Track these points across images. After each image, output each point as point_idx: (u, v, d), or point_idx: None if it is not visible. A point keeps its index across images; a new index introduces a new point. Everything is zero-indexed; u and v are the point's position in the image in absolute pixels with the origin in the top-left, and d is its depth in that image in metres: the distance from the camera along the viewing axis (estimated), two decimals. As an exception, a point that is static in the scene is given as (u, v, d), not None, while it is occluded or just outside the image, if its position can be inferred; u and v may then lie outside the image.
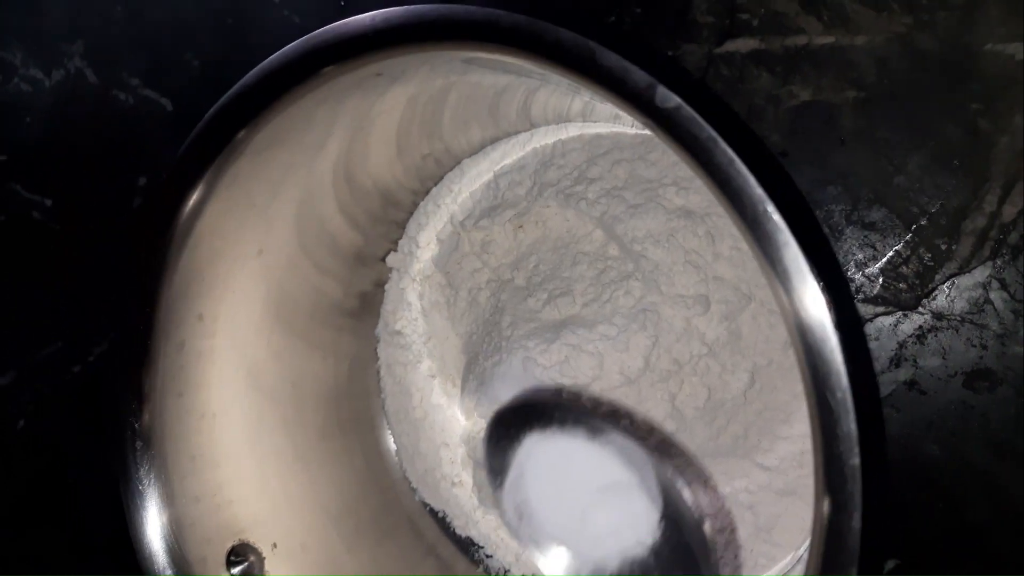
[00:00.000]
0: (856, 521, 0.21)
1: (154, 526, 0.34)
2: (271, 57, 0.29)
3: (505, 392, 0.36)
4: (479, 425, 0.39)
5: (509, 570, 0.41)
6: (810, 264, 0.21)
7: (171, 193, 0.31)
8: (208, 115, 0.31)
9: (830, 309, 0.21)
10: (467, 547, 0.43)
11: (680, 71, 0.30)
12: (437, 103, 0.35)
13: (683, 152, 0.23)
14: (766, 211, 0.21)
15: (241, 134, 0.30)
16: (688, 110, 0.22)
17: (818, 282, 0.21)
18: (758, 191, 0.22)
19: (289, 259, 0.39)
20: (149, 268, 0.33)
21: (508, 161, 0.40)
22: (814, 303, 0.21)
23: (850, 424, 0.21)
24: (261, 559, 0.36)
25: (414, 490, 0.43)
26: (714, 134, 0.22)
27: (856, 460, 0.21)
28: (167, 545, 0.34)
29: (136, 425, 0.33)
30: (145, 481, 0.34)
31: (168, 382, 0.34)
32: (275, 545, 0.37)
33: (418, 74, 0.31)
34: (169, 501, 0.34)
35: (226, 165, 0.31)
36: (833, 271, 0.31)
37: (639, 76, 0.22)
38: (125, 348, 0.33)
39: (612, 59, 0.23)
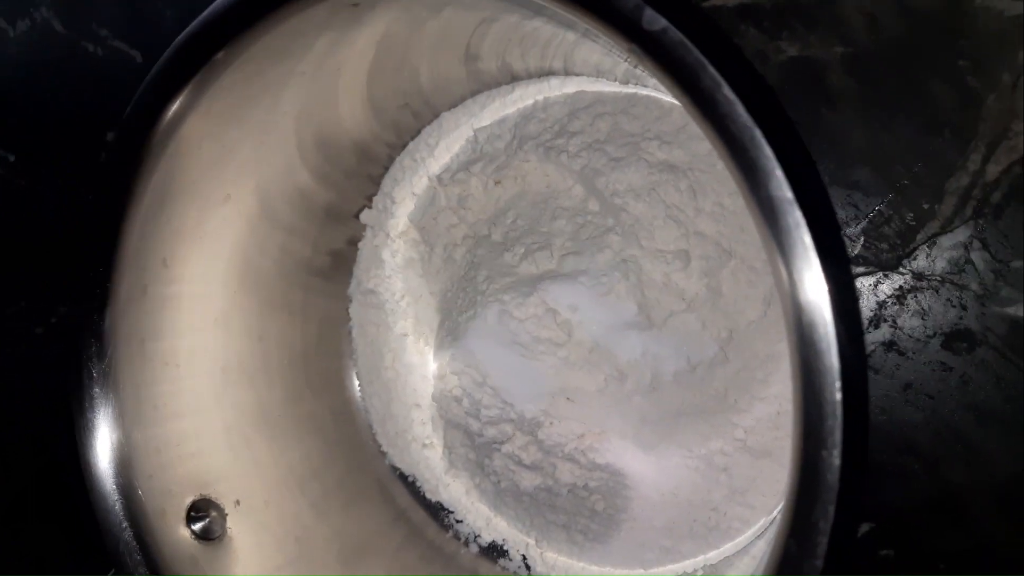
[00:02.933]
0: (836, 458, 0.20)
1: (110, 476, 0.32)
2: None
3: (479, 346, 0.35)
4: (451, 383, 0.38)
5: (479, 535, 0.41)
6: (797, 194, 0.21)
7: (140, 120, 0.30)
8: (180, 38, 0.29)
9: (816, 239, 0.20)
10: (436, 512, 0.42)
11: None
12: (409, 46, 0.34)
13: (669, 79, 0.22)
14: (754, 138, 0.21)
15: (213, 60, 0.29)
16: (676, 33, 0.21)
17: (804, 213, 0.20)
18: (746, 118, 0.21)
19: (257, 211, 0.38)
20: (112, 205, 0.32)
21: (488, 114, 0.39)
22: (800, 233, 0.20)
23: (832, 359, 0.20)
24: (223, 515, 0.35)
25: (384, 454, 0.42)
26: (702, 58, 0.21)
27: (838, 396, 0.20)
28: (124, 497, 0.32)
29: (94, 371, 0.32)
30: (103, 428, 0.32)
31: (131, 327, 0.33)
32: (238, 502, 0.36)
33: (391, 10, 0.30)
34: (128, 450, 0.33)
35: (197, 96, 0.30)
36: (822, 201, 0.31)
37: (625, -3, 0.22)
38: (85, 288, 0.32)
39: (598, -21, 0.22)
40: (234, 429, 0.38)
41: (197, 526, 0.35)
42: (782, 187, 0.21)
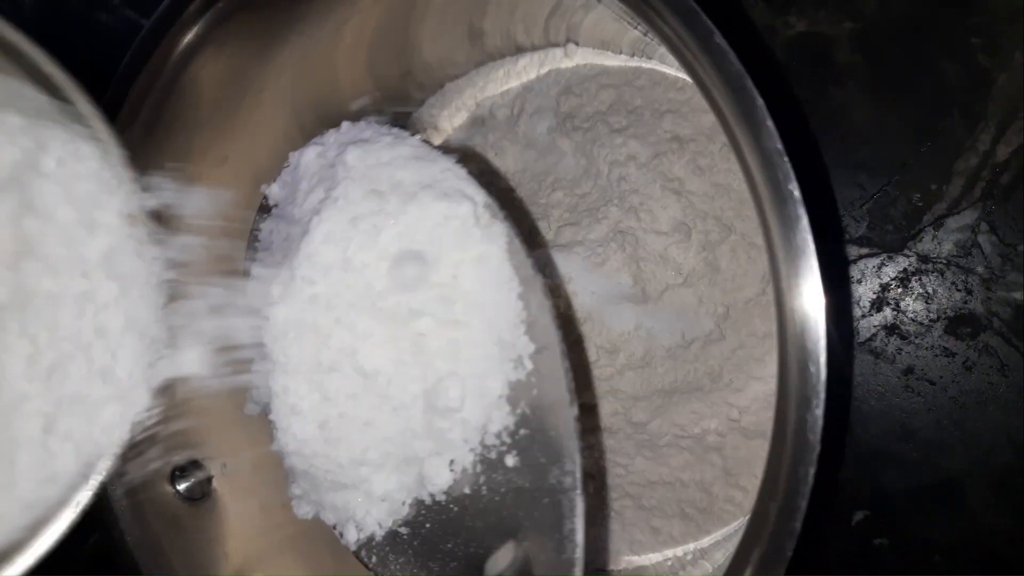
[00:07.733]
0: (819, 418, 0.20)
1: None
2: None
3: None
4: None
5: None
6: (784, 141, 0.20)
7: (135, 70, 0.30)
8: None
9: (804, 193, 0.20)
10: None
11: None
12: (413, 11, 0.34)
13: (663, 26, 0.21)
14: (745, 87, 0.20)
15: (215, 8, 0.28)
16: (670, -22, 0.21)
17: (788, 155, 0.20)
18: (738, 66, 0.20)
19: (252, 177, 0.37)
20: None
21: (492, 86, 0.38)
22: (786, 176, 0.20)
23: (819, 321, 0.19)
24: (208, 478, 0.35)
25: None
26: (695, 7, 0.21)
27: (823, 356, 0.20)
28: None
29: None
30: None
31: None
32: (224, 465, 0.36)
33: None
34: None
35: (198, 47, 0.30)
36: (812, 156, 0.30)
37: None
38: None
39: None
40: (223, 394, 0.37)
41: (182, 486, 0.34)
42: (774, 138, 0.20)
